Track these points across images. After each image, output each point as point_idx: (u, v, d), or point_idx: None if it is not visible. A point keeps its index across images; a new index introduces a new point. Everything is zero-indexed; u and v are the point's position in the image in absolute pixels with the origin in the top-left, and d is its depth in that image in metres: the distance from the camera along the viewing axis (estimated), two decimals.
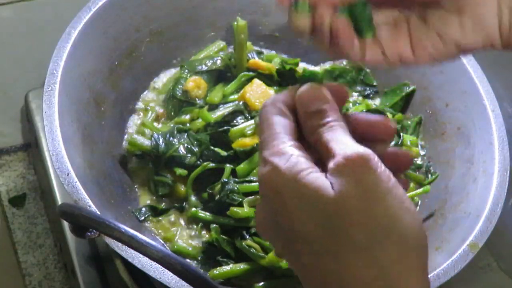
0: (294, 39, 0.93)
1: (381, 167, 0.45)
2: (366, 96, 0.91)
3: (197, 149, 0.80)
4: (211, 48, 0.90)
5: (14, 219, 0.98)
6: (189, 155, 0.79)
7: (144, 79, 0.88)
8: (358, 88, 0.91)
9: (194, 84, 0.85)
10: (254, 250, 0.74)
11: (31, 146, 1.03)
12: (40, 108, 0.81)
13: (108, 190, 0.76)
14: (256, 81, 0.83)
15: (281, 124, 0.49)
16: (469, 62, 0.84)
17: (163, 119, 0.86)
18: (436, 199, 0.82)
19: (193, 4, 0.89)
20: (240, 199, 0.75)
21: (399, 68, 0.58)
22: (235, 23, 0.86)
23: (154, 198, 0.80)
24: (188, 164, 0.79)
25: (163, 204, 0.80)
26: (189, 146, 0.80)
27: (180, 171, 0.78)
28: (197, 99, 0.85)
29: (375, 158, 0.45)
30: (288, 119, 0.49)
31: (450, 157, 0.84)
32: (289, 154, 0.46)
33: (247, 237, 0.75)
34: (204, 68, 0.86)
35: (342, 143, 0.46)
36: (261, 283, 0.74)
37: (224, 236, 0.75)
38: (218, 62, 0.87)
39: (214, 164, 0.79)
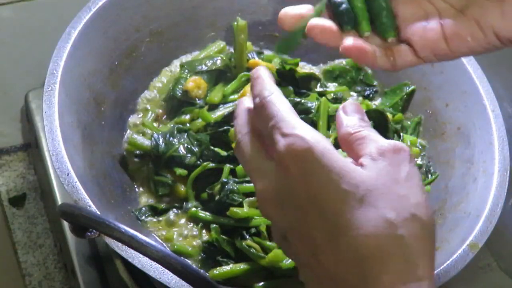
0: None
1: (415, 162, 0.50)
2: (366, 96, 0.91)
3: (197, 149, 0.80)
4: (211, 48, 0.90)
5: (14, 219, 0.98)
6: (189, 155, 0.79)
7: (144, 79, 0.88)
8: (358, 88, 0.91)
9: (194, 84, 0.85)
10: (254, 250, 0.74)
11: (31, 146, 1.03)
12: (40, 108, 0.81)
13: (108, 190, 0.76)
14: None
15: (290, 107, 0.52)
16: (469, 62, 0.84)
17: (163, 119, 0.86)
18: (436, 199, 0.82)
19: (193, 4, 0.89)
20: (240, 199, 0.75)
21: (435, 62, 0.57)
22: (235, 23, 0.86)
23: (154, 198, 0.80)
24: (188, 164, 0.79)
25: (163, 204, 0.80)
26: (189, 146, 0.80)
27: (180, 171, 0.78)
28: (197, 99, 0.85)
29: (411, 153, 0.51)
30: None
31: (450, 157, 0.84)
32: (312, 130, 0.49)
33: (247, 237, 0.75)
34: (204, 68, 0.86)
35: (382, 138, 0.51)
36: (261, 283, 0.74)
37: (224, 236, 0.75)
38: (218, 62, 0.87)
39: (214, 164, 0.79)
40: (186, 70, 0.86)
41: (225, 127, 0.80)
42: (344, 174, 0.47)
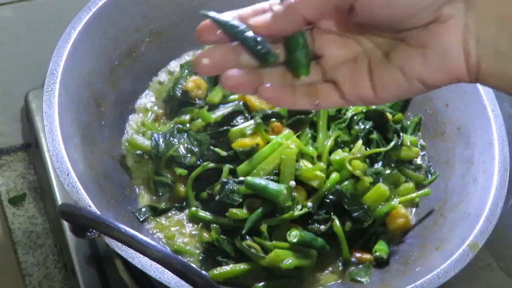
0: None
1: None
2: None
3: (197, 149, 0.80)
4: None
5: (14, 219, 0.98)
6: (189, 155, 0.79)
7: (144, 79, 0.88)
8: None
9: (194, 84, 0.85)
10: (254, 250, 0.74)
11: (31, 146, 1.03)
12: (40, 108, 0.81)
13: (108, 190, 0.76)
14: None
15: None
16: None
17: (163, 119, 0.86)
18: (436, 199, 0.82)
19: (193, 4, 0.89)
20: (240, 200, 0.75)
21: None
22: None
23: (154, 198, 0.80)
24: (188, 164, 0.79)
25: (163, 204, 0.80)
26: (189, 146, 0.80)
27: (180, 171, 0.78)
28: (197, 99, 0.85)
29: None
30: None
31: (450, 157, 0.84)
32: None
33: (247, 237, 0.75)
34: None
35: None
36: (261, 283, 0.74)
37: (224, 236, 0.75)
38: None
39: (214, 164, 0.79)
40: (186, 70, 0.86)
41: (225, 127, 0.80)
42: None
